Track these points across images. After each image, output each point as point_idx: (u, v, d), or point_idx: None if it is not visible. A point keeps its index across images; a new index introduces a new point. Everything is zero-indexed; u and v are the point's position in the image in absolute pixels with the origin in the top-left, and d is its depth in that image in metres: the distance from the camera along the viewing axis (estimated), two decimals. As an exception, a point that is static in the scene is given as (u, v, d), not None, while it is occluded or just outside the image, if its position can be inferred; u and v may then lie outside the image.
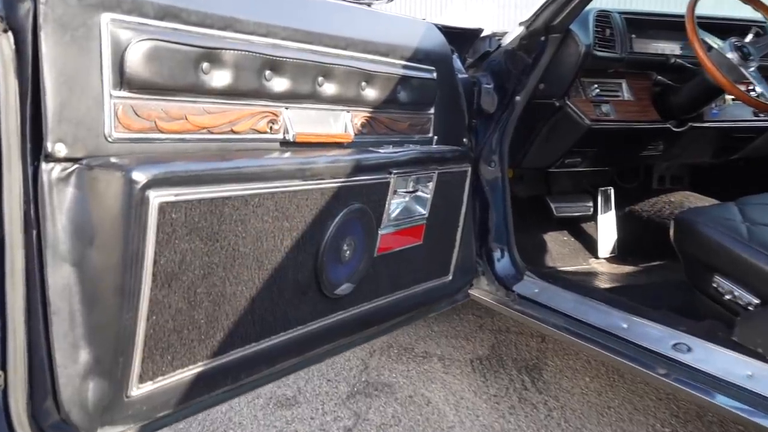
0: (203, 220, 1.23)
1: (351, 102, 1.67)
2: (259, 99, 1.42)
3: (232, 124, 1.37)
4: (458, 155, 1.99)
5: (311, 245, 1.51)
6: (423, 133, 1.96)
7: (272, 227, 1.39)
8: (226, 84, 1.34)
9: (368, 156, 1.63)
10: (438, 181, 1.88)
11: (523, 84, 2.24)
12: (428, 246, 1.94)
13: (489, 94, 2.27)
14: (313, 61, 1.52)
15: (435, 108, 1.98)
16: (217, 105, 1.34)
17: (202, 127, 1.31)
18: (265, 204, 1.35)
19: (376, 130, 1.77)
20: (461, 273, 2.16)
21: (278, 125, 1.48)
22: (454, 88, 2.09)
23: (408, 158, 1.75)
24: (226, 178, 1.26)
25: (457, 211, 2.05)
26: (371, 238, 1.70)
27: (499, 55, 2.32)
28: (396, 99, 1.80)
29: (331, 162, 1.50)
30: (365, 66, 1.67)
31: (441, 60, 1.98)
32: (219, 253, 1.28)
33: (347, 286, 1.65)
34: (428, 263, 1.98)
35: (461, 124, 2.16)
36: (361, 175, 1.59)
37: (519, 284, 2.28)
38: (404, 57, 1.82)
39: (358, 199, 1.61)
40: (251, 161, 1.33)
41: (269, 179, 1.35)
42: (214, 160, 1.26)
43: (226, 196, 1.26)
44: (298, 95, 1.51)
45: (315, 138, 1.56)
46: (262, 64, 1.40)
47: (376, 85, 1.71)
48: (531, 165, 2.65)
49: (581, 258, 2.89)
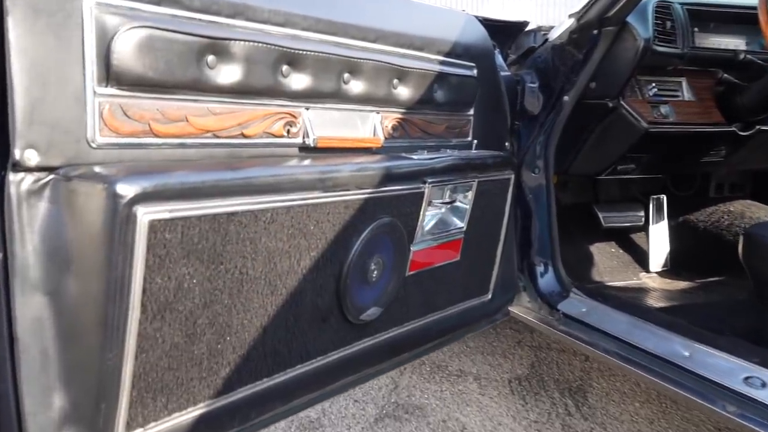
0: (204, 240, 1.03)
1: (381, 102, 1.46)
2: (274, 98, 1.22)
3: (242, 126, 1.17)
4: (500, 161, 1.76)
5: (333, 266, 1.30)
6: (461, 137, 1.75)
7: (287, 246, 1.18)
8: (235, 81, 1.14)
9: (400, 163, 1.42)
10: (478, 190, 1.66)
11: (572, 83, 2.02)
12: (466, 262, 1.72)
13: (534, 94, 2.06)
14: (337, 55, 1.31)
15: (475, 109, 1.77)
16: (225, 105, 1.14)
17: (206, 131, 1.12)
18: (280, 219, 1.15)
19: (409, 133, 1.55)
20: (502, 291, 1.94)
21: (297, 128, 1.28)
22: (496, 87, 1.87)
23: (445, 165, 1.54)
24: (233, 190, 1.06)
25: (498, 223, 1.82)
26: (402, 255, 1.48)
27: (546, 50, 2.10)
28: (432, 99, 1.59)
29: (357, 170, 1.29)
30: (398, 61, 1.46)
31: (482, 56, 1.76)
32: (223, 277, 1.08)
33: (374, 310, 1.44)
34: (466, 281, 1.76)
35: (503, 126, 1.94)
36: (391, 185, 1.38)
37: (564, 302, 2.07)
38: (442, 52, 1.60)
39: (388, 211, 1.40)
40: (263, 170, 1.13)
41: (285, 191, 1.15)
42: (218, 169, 1.06)
43: (233, 211, 1.06)
44: (321, 94, 1.30)
45: (339, 143, 1.36)
46: (278, 58, 1.20)
47: (409, 82, 1.50)
48: (579, 172, 2.41)
49: (631, 272, 2.64)
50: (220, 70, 1.12)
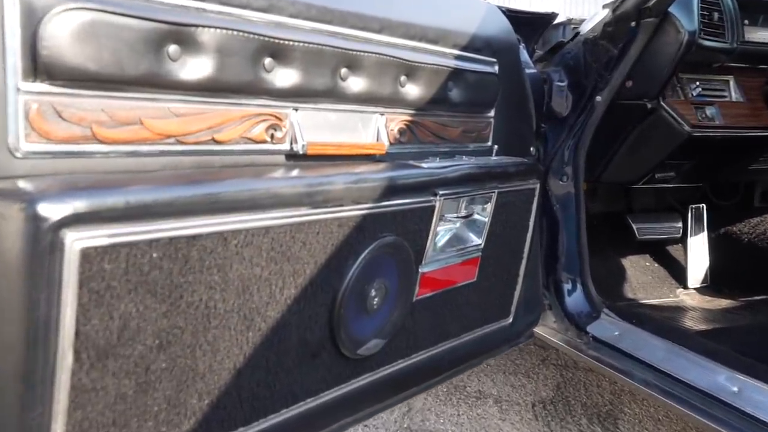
0: (157, 270, 0.83)
1: (386, 101, 1.25)
2: (254, 96, 1.02)
3: (214, 130, 0.97)
4: (524, 169, 1.54)
5: (325, 293, 1.09)
6: (480, 142, 1.53)
7: (267, 273, 0.98)
8: (204, 76, 0.94)
9: (407, 173, 1.21)
10: (498, 202, 1.45)
11: (606, 81, 1.82)
12: (484, 283, 1.51)
13: (562, 94, 1.85)
14: (333, 47, 1.10)
15: (496, 110, 1.55)
16: (191, 104, 0.94)
17: (167, 135, 0.91)
18: (256, 242, 0.95)
19: (418, 138, 1.34)
20: (525, 312, 1.72)
21: (282, 132, 1.07)
22: (521, 86, 1.65)
23: (460, 174, 1.32)
24: (196, 209, 0.86)
25: (521, 238, 1.60)
26: (409, 278, 1.27)
27: (576, 45, 1.88)
28: (446, 98, 1.37)
29: (354, 182, 1.09)
30: (406, 55, 1.25)
31: (505, 50, 1.54)
32: (184, 313, 0.88)
33: (375, 342, 1.23)
34: (483, 305, 1.54)
35: (528, 129, 1.72)
36: (396, 199, 1.17)
37: (594, 324, 1.86)
38: (458, 45, 1.39)
39: (392, 229, 1.19)
40: (235, 183, 0.92)
41: (263, 208, 0.94)
42: (177, 183, 0.86)
43: (196, 233, 0.86)
44: (312, 92, 1.10)
45: (334, 149, 1.15)
46: (259, 50, 1.00)
47: (420, 79, 1.29)
48: (612, 180, 2.19)
49: (667, 288, 2.40)
50: (185, 62, 0.91)
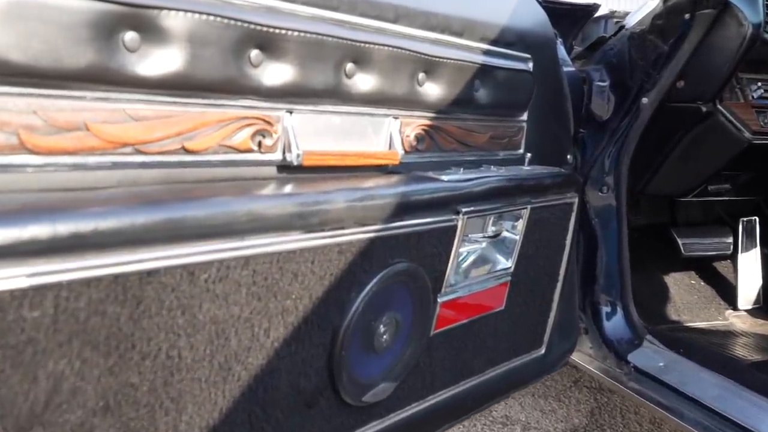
0: (99, 316, 0.64)
1: (400, 103, 1.05)
2: (237, 96, 0.83)
3: (184, 137, 0.78)
4: (561, 181, 1.33)
5: (323, 332, 0.90)
6: (510, 149, 1.32)
7: (248, 312, 0.79)
8: (171, 70, 0.75)
9: (424, 187, 1.01)
10: (531, 218, 1.24)
11: (654, 81, 1.61)
12: (514, 311, 1.30)
13: (603, 95, 1.64)
14: (337, 37, 0.91)
15: (529, 113, 1.34)
16: (154, 106, 0.75)
17: (121, 144, 0.73)
18: (234, 276, 0.76)
19: (439, 145, 1.14)
20: (559, 340, 1.51)
21: (272, 139, 0.88)
22: (558, 85, 1.44)
23: (487, 188, 1.11)
24: (152, 237, 0.67)
25: (556, 258, 1.39)
26: (425, 310, 1.07)
27: (620, 41, 1.67)
28: (472, 99, 1.17)
29: (359, 199, 0.89)
30: (425, 48, 1.04)
31: (540, 45, 1.33)
32: (139, 366, 0.69)
33: (385, 386, 1.03)
34: (513, 335, 1.33)
35: (565, 135, 1.51)
36: (410, 218, 0.97)
37: (636, 353, 1.65)
38: (487, 38, 1.18)
39: (405, 254, 0.99)
40: (206, 204, 0.73)
41: (242, 234, 0.75)
42: (126, 205, 0.67)
43: (151, 268, 0.67)
44: (310, 91, 0.90)
45: (337, 159, 0.95)
46: (243, 39, 0.80)
47: (441, 77, 1.09)
48: (658, 192, 1.96)
49: (715, 309, 2.16)
50: (147, 54, 0.73)
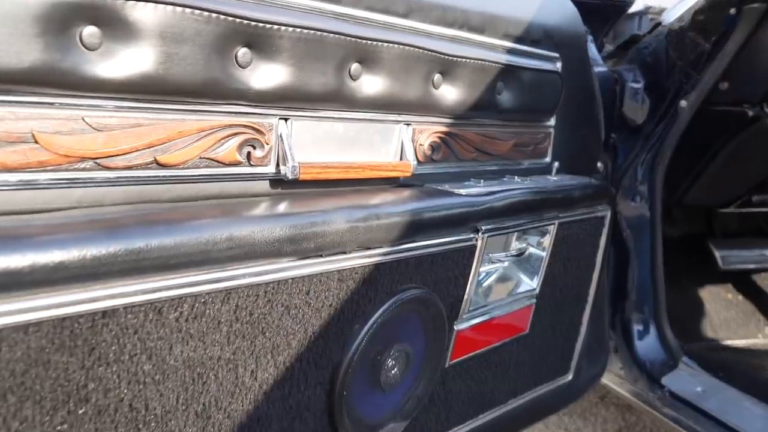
0: (40, 366, 0.53)
1: (413, 107, 0.92)
2: (221, 101, 0.71)
3: (156, 149, 0.66)
4: (592, 192, 1.19)
5: (320, 370, 0.78)
6: (536, 158, 1.19)
7: (230, 353, 0.67)
8: (140, 71, 0.63)
9: (439, 202, 0.88)
10: (558, 234, 1.10)
11: (694, 82, 1.47)
12: (538, 336, 1.16)
13: (637, 97, 1.50)
14: (340, 34, 0.78)
15: (557, 117, 1.20)
16: (120, 113, 0.63)
17: (79, 158, 0.61)
18: (211, 312, 0.64)
19: (456, 154, 1.01)
20: (588, 364, 1.37)
21: (264, 151, 0.76)
22: (588, 87, 1.30)
23: (510, 202, 0.98)
24: (106, 270, 0.56)
25: (586, 277, 1.25)
26: (439, 339, 0.94)
27: (656, 39, 1.52)
28: (494, 103, 1.04)
29: (362, 218, 0.76)
30: (441, 46, 0.92)
31: (570, 43, 1.20)
32: (92, 422, 0.58)
33: (394, 426, 0.90)
34: (537, 362, 1.20)
35: (595, 141, 1.37)
36: (423, 239, 0.85)
37: (672, 376, 1.51)
38: (511, 35, 1.05)
39: (417, 279, 0.86)
40: (177, 229, 0.61)
41: (221, 262, 0.63)
42: (77, 232, 0.56)
43: (107, 308, 0.56)
44: (309, 95, 0.78)
45: (339, 172, 0.83)
46: (229, 36, 0.69)
47: (459, 78, 0.96)
48: (697, 202, 1.80)
49: (754, 326, 1.99)
50: (110, 52, 0.61)
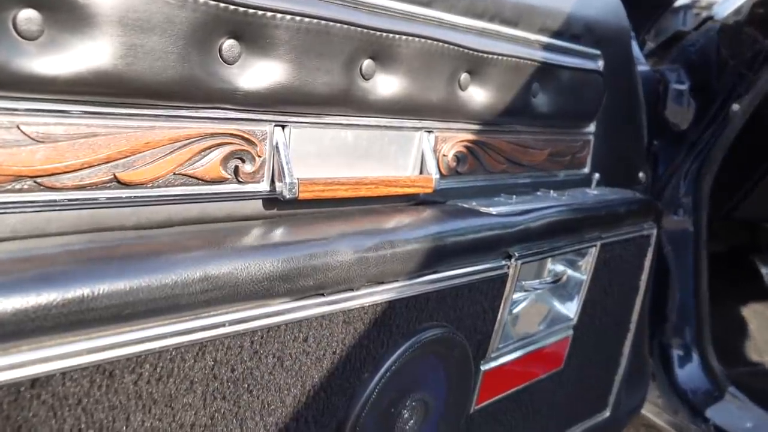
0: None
1: (436, 112, 0.78)
2: (202, 105, 0.57)
3: (115, 165, 0.52)
4: (637, 208, 1.04)
5: (322, 429, 0.64)
6: (574, 168, 1.03)
7: (206, 417, 0.53)
8: (94, 67, 0.49)
9: (466, 224, 0.74)
10: (600, 257, 0.95)
11: (749, 84, 1.32)
12: (575, 371, 1.01)
13: (682, 100, 1.34)
14: (348, 24, 0.64)
15: (597, 123, 1.05)
16: (68, 119, 0.50)
17: (13, 176, 0.47)
18: (181, 370, 0.50)
19: (485, 166, 0.86)
20: (627, 397, 1.21)
21: (255, 164, 0.61)
22: (631, 89, 1.15)
23: (547, 222, 0.83)
24: (34, 327, 0.42)
25: (628, 304, 1.10)
26: (464, 383, 0.80)
27: (705, 35, 1.36)
28: (528, 106, 0.89)
29: (374, 246, 0.62)
30: (469, 41, 0.77)
31: (613, 39, 1.04)
32: None
33: (408, 486, 0.76)
34: (573, 399, 1.05)
35: (638, 149, 1.22)
36: (446, 268, 0.70)
37: (717, 408, 1.35)
38: (547, 29, 0.90)
39: (438, 316, 0.71)
40: (132, 267, 0.47)
41: (192, 309, 0.50)
42: (2, 274, 0.42)
43: (39, 374, 0.42)
44: (311, 97, 0.64)
45: (347, 189, 0.68)
46: (209, 26, 0.54)
47: (489, 78, 0.81)
48: (749, 216, 1.63)
49: (803, 348, 1.81)
50: (54, 42, 0.47)
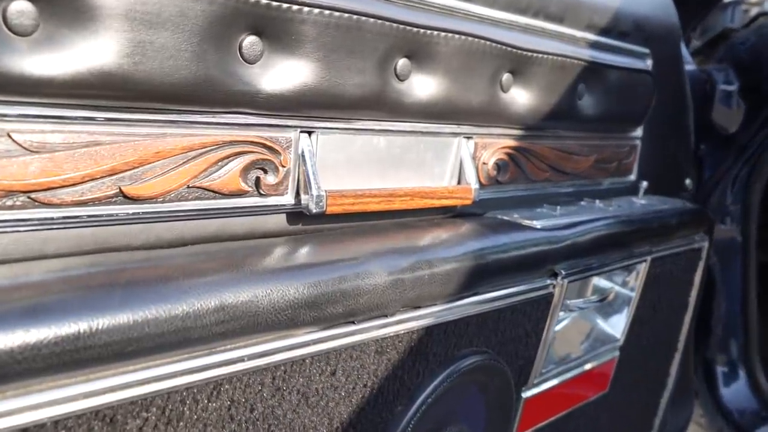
0: None
1: (476, 116, 0.70)
2: (219, 109, 0.50)
3: (121, 177, 0.45)
4: (689, 219, 0.95)
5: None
6: (619, 176, 0.95)
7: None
8: (95, 67, 0.43)
9: (509, 239, 0.66)
10: (650, 273, 0.87)
11: None
12: (620, 394, 0.93)
13: (730, 101, 1.25)
14: (382, 18, 0.57)
15: (645, 127, 0.97)
16: (65, 126, 0.43)
17: (3, 191, 0.41)
18: (193, 411, 0.43)
19: (527, 174, 0.78)
20: (672, 418, 1.13)
21: (278, 176, 0.55)
22: (680, 90, 1.06)
23: (596, 236, 0.76)
24: (24, 369, 0.36)
25: (677, 322, 1.01)
26: (504, 412, 0.72)
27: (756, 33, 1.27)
28: (574, 109, 0.81)
29: (410, 267, 0.55)
30: (511, 38, 0.69)
31: (662, 36, 0.96)
32: None
33: None
34: (617, 423, 0.96)
35: (686, 154, 1.13)
36: (487, 289, 0.63)
37: (765, 430, 1.24)
38: (595, 26, 0.82)
39: (478, 341, 0.64)
40: (133, 297, 0.41)
41: (205, 343, 0.43)
42: None
43: (27, 423, 0.36)
44: (340, 100, 0.57)
45: (378, 202, 0.61)
46: (226, 19, 0.48)
47: (533, 78, 0.73)
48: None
49: None
50: (51, 38, 0.41)
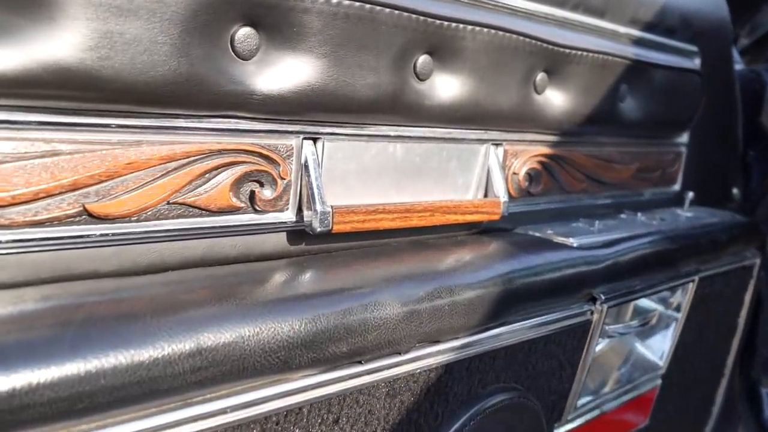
0: None
1: (506, 120, 0.61)
2: (207, 113, 0.43)
3: (85, 193, 0.38)
4: (740, 234, 0.85)
5: None
6: (662, 186, 0.85)
7: None
8: (53, 62, 0.36)
9: (542, 260, 0.58)
10: (697, 294, 0.77)
11: None
12: (662, 424, 0.83)
13: None
14: (400, 9, 0.49)
15: (691, 132, 0.87)
16: (17, 133, 0.36)
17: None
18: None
19: (562, 185, 0.69)
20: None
21: (276, 189, 0.47)
22: (729, 92, 0.96)
23: (639, 255, 0.66)
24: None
25: (724, 346, 0.91)
26: (535, 453, 0.64)
27: None
28: (615, 112, 0.72)
29: (427, 297, 0.47)
30: (547, 34, 0.61)
31: (712, 34, 0.86)
32: None
33: None
34: (657, 458, 0.87)
35: (733, 161, 1.02)
36: (517, 319, 0.54)
37: None
38: (639, 21, 0.73)
39: (506, 377, 0.56)
40: (86, 340, 0.33)
41: (183, 392, 0.36)
42: None
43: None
44: (350, 103, 0.49)
45: (393, 219, 0.53)
46: (215, 9, 0.40)
47: (570, 78, 0.64)
48: None
49: None
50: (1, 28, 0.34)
